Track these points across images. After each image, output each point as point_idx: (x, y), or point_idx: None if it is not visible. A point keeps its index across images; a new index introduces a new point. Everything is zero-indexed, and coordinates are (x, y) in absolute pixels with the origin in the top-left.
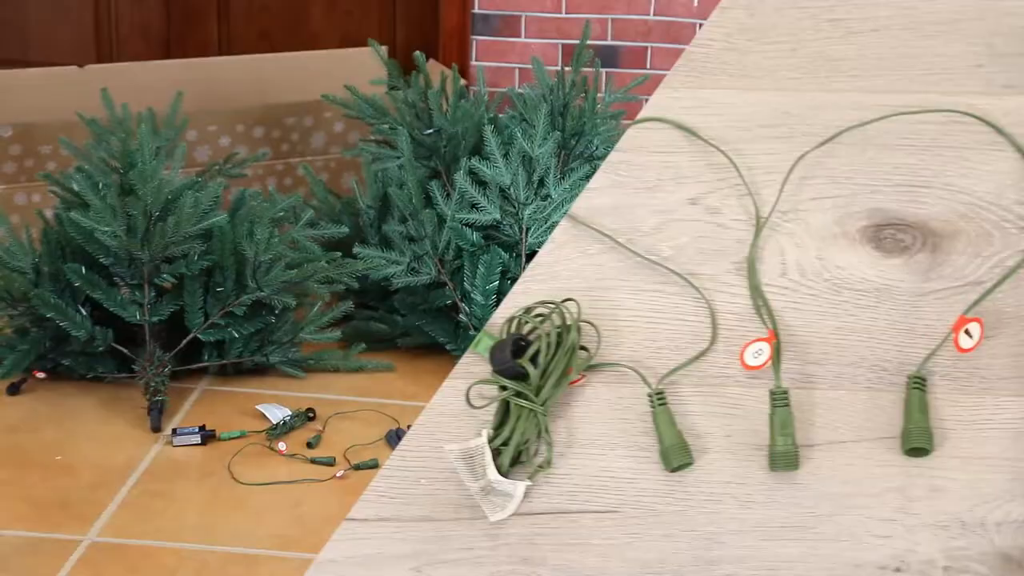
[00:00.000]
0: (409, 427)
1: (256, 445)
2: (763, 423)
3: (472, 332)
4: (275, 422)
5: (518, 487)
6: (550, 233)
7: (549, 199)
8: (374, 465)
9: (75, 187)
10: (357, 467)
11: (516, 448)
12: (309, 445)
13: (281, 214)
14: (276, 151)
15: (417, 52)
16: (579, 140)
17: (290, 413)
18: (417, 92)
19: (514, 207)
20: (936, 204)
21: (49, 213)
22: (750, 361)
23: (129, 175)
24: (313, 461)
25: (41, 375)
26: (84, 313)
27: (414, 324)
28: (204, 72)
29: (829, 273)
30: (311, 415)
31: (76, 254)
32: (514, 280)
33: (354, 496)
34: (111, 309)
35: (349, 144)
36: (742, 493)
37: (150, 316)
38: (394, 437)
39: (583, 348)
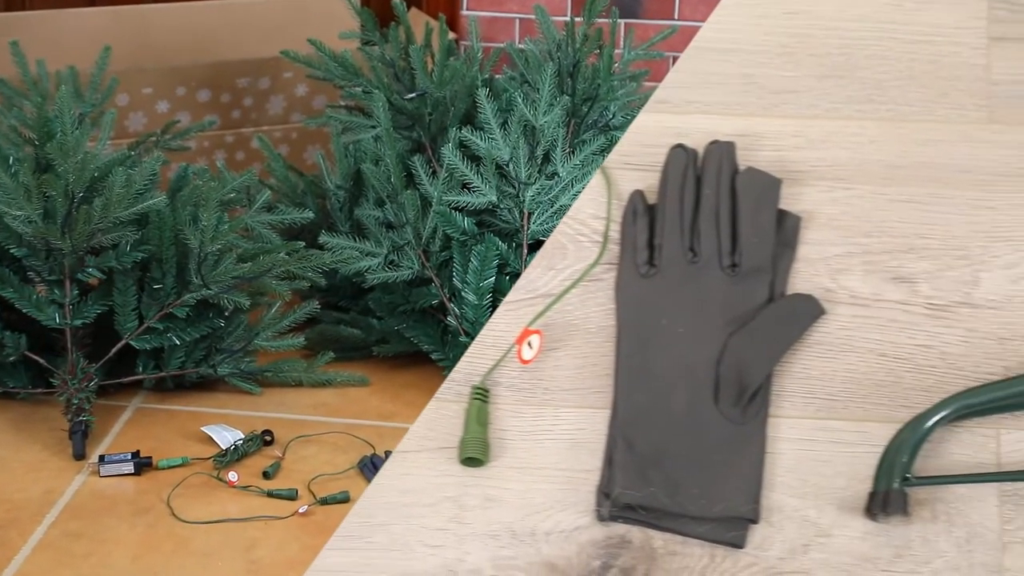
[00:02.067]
0: (387, 454)
1: (201, 475)
2: None
3: (463, 337)
4: (224, 447)
5: None
6: (558, 219)
7: (556, 178)
8: (345, 499)
9: None
10: (324, 501)
11: None
12: (265, 475)
13: (232, 196)
14: (225, 119)
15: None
16: (592, 106)
17: (242, 436)
18: (396, 48)
19: (514, 187)
20: None
21: None
22: None
23: (46, 148)
24: (270, 494)
25: None
26: None
27: (393, 329)
28: (137, 22)
29: None
30: (268, 439)
31: None
32: (514, 276)
33: (320, 537)
34: (24, 311)
35: (314, 111)
36: None
37: (72, 319)
38: (369, 466)
39: None
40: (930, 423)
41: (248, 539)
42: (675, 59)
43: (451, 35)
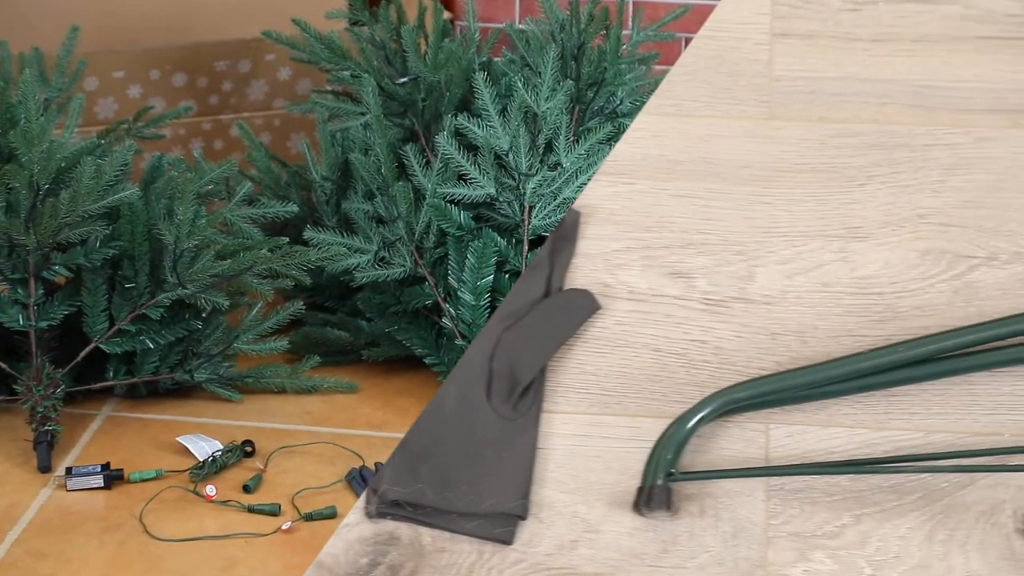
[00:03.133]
0: (378, 466)
1: (176, 489)
2: None
3: (459, 340)
4: (201, 459)
5: None
6: (561, 213)
7: (559, 168)
8: (332, 515)
9: None
10: (309, 517)
11: None
12: (246, 489)
13: (210, 187)
14: (202, 105)
15: None
16: (598, 91)
17: (221, 447)
18: (387, 29)
19: (513, 179)
20: None
21: None
22: None
23: (9, 136)
24: (251, 510)
25: None
26: None
27: (383, 331)
28: (107, 0)
29: None
30: (248, 449)
31: None
32: (513, 274)
33: (305, 556)
34: None
35: (298, 96)
36: None
37: (37, 320)
38: (357, 479)
39: None
40: (694, 420)
41: (227, 558)
42: (688, 40)
43: (446, 15)
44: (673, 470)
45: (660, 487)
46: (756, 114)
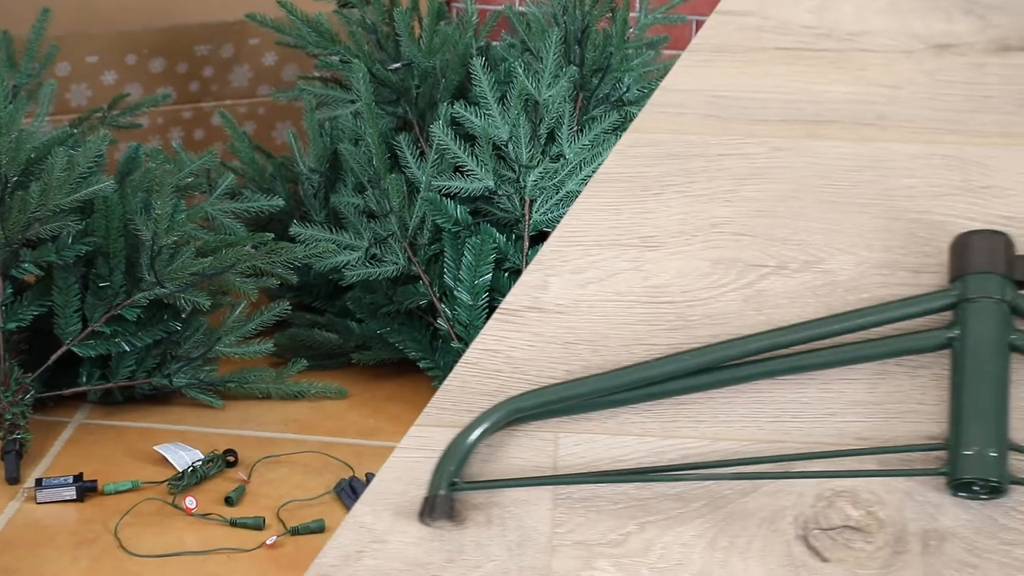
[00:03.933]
0: (369, 476)
1: (154, 501)
2: None
3: (455, 343)
4: (181, 469)
5: None
6: (565, 207)
7: (562, 160)
8: (320, 529)
9: None
10: (295, 531)
11: None
12: (228, 501)
13: (190, 180)
14: (182, 92)
15: None
16: (603, 78)
17: (202, 457)
18: (379, 11)
19: (513, 171)
20: None
21: None
22: None
23: None
24: (234, 523)
25: None
26: None
27: (375, 333)
28: None
29: None
30: (231, 459)
31: None
32: (513, 272)
33: (291, 572)
34: None
35: (284, 83)
36: None
37: (5, 322)
38: (347, 490)
39: None
40: (477, 431)
41: (208, 574)
42: (699, 23)
43: None
44: (456, 480)
45: (443, 497)
46: None
